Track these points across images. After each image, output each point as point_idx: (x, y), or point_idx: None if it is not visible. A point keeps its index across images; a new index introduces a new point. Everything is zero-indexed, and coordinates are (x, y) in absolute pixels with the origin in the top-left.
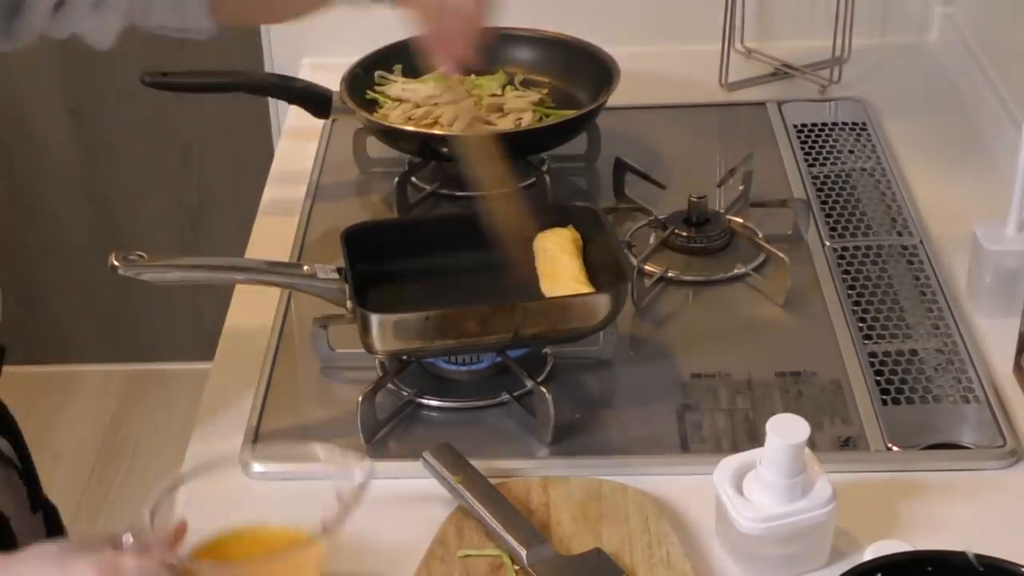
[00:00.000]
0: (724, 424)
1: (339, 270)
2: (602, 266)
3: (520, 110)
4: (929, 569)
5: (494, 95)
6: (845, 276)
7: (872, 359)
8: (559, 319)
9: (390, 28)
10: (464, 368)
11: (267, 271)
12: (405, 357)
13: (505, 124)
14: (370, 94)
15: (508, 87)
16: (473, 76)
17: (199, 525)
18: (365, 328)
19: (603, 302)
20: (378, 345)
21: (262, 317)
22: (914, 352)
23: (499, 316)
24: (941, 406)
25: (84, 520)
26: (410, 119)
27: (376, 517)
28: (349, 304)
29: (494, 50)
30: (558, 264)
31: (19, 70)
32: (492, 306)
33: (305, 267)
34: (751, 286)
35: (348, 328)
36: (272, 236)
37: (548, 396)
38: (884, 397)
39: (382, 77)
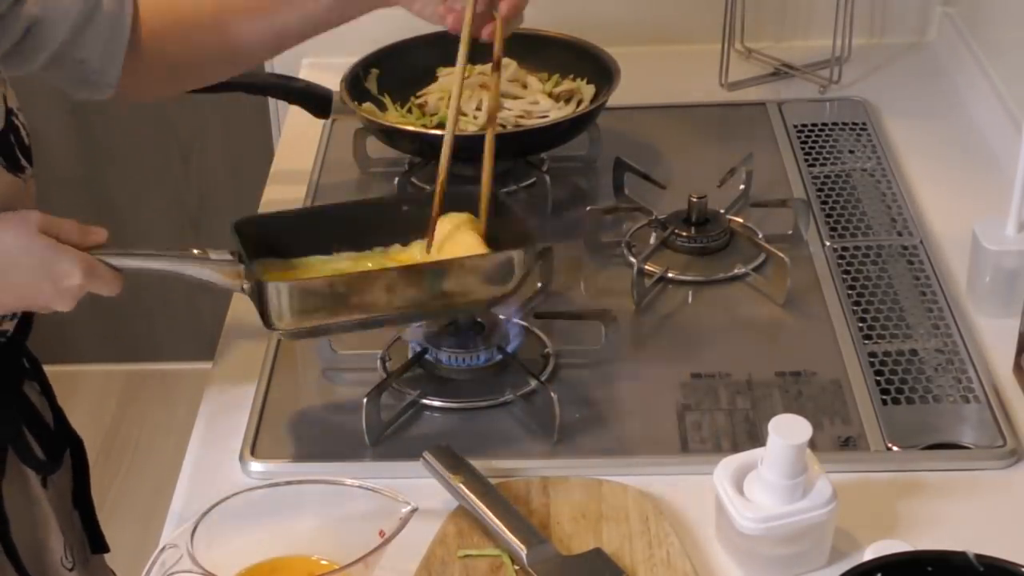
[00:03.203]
0: (724, 424)
1: (232, 253)
2: (509, 241)
3: (532, 95)
4: (929, 569)
5: (512, 80)
6: (845, 276)
7: (872, 359)
8: (469, 282)
9: (390, 28)
10: (465, 366)
11: (154, 256)
12: (304, 333)
13: (520, 107)
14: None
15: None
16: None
17: (203, 528)
18: (263, 301)
19: (515, 260)
20: (280, 320)
21: None
22: (914, 352)
23: (407, 280)
24: (941, 406)
25: None
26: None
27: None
28: (245, 284)
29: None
30: (456, 241)
31: None
32: (399, 270)
33: (195, 250)
34: (751, 286)
35: None
36: None
37: (554, 396)
38: (884, 397)
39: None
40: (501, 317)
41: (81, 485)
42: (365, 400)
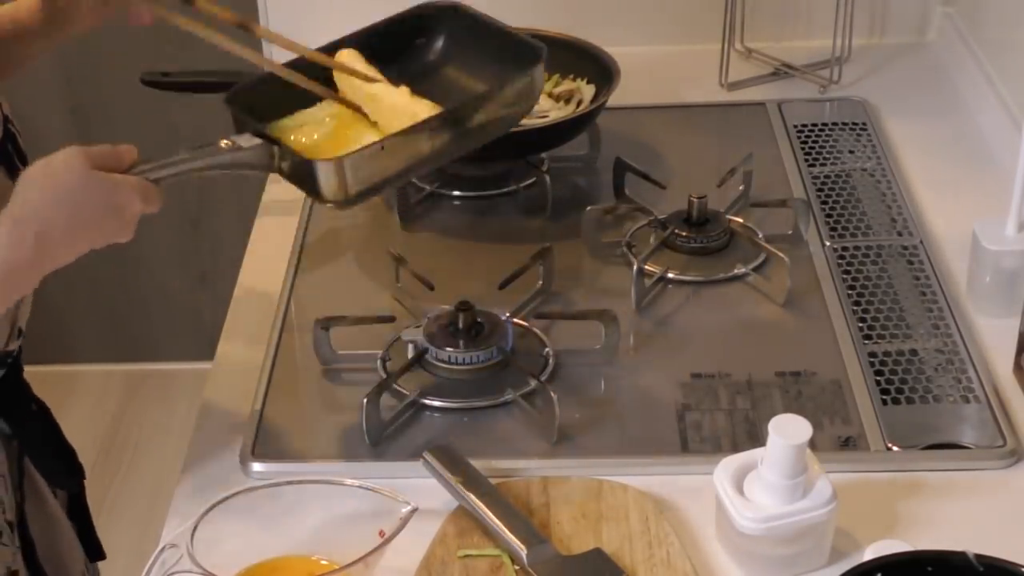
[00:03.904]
0: (724, 424)
1: (257, 135)
2: (499, 53)
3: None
4: (929, 569)
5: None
6: (845, 276)
7: (872, 359)
8: (500, 106)
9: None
10: (465, 366)
11: (187, 159)
12: (359, 195)
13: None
14: None
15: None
16: None
17: (202, 527)
18: (313, 177)
19: (538, 75)
20: (332, 192)
21: (262, 317)
22: (914, 352)
23: (447, 122)
24: (941, 406)
25: None
26: None
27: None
28: (283, 163)
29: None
30: (380, 100)
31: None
32: (438, 115)
33: (223, 142)
34: (751, 286)
35: (349, 330)
36: (272, 236)
37: (554, 396)
38: (884, 397)
39: None
40: (502, 318)
41: (76, 495)
42: (365, 400)
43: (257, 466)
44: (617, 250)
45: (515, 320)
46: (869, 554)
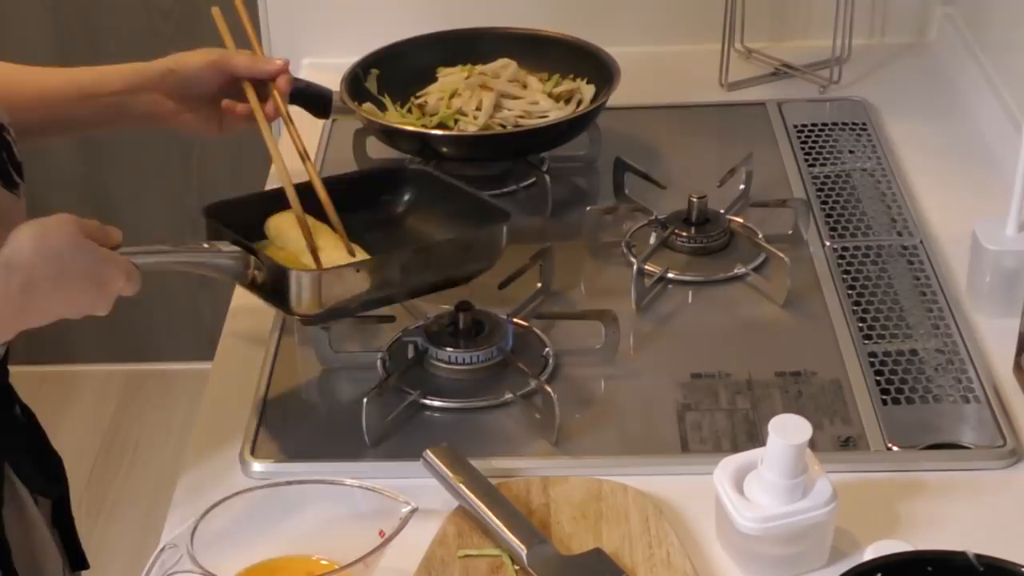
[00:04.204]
0: (724, 424)
1: (237, 244)
2: (463, 214)
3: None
4: (929, 569)
5: (512, 81)
6: (845, 276)
7: (872, 359)
8: (462, 258)
9: (390, 28)
10: (465, 366)
11: (169, 251)
12: (325, 316)
13: (520, 107)
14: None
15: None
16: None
17: (202, 527)
18: (285, 287)
19: (500, 233)
20: (304, 305)
21: (262, 317)
22: (914, 352)
23: (417, 260)
24: (941, 406)
25: (84, 520)
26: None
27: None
28: (257, 273)
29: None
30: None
31: None
32: (413, 250)
33: (205, 244)
34: (751, 286)
35: (349, 330)
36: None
37: (553, 396)
38: (884, 397)
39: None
40: (502, 317)
41: (60, 503)
42: (365, 400)
43: (257, 466)
44: (617, 250)
45: (515, 320)
46: (869, 554)
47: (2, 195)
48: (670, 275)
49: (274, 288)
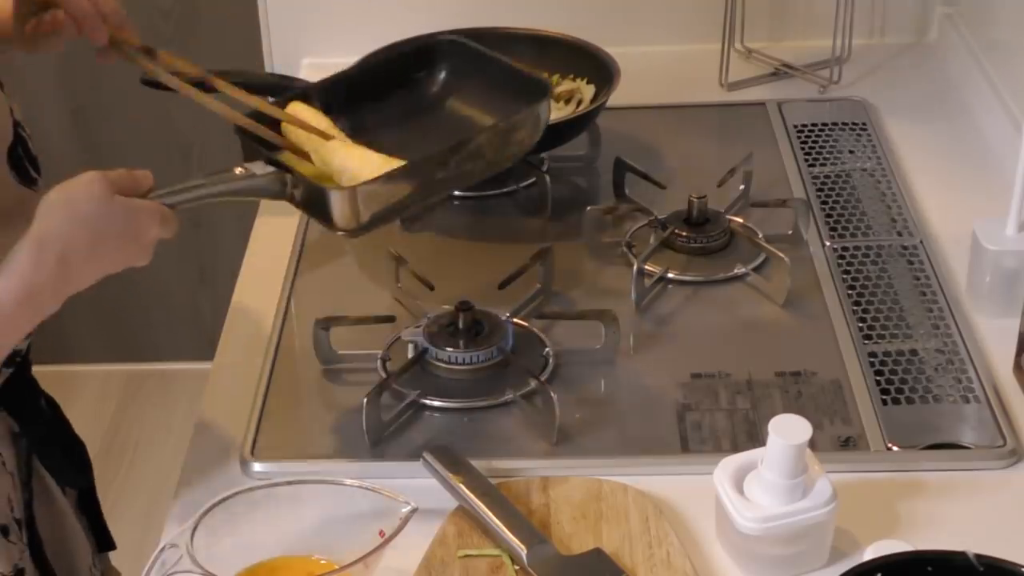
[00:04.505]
0: (724, 424)
1: (271, 163)
2: (501, 86)
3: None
4: (929, 569)
5: None
6: (845, 276)
7: (872, 359)
8: (503, 143)
9: (390, 28)
10: (465, 366)
11: (203, 185)
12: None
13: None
14: None
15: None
16: None
17: (202, 527)
18: (322, 208)
19: (544, 109)
20: (345, 221)
21: (262, 317)
22: (914, 352)
23: (454, 155)
24: (941, 406)
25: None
26: None
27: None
28: (296, 191)
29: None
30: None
31: (20, 70)
32: (448, 148)
33: (237, 169)
34: (751, 286)
35: (349, 330)
36: (272, 236)
37: (554, 396)
38: (884, 397)
39: None
40: (502, 318)
41: (85, 488)
42: (365, 400)
43: (257, 466)
44: (617, 250)
45: (515, 320)
46: (869, 554)
47: (21, 191)
48: (670, 275)
49: (314, 206)
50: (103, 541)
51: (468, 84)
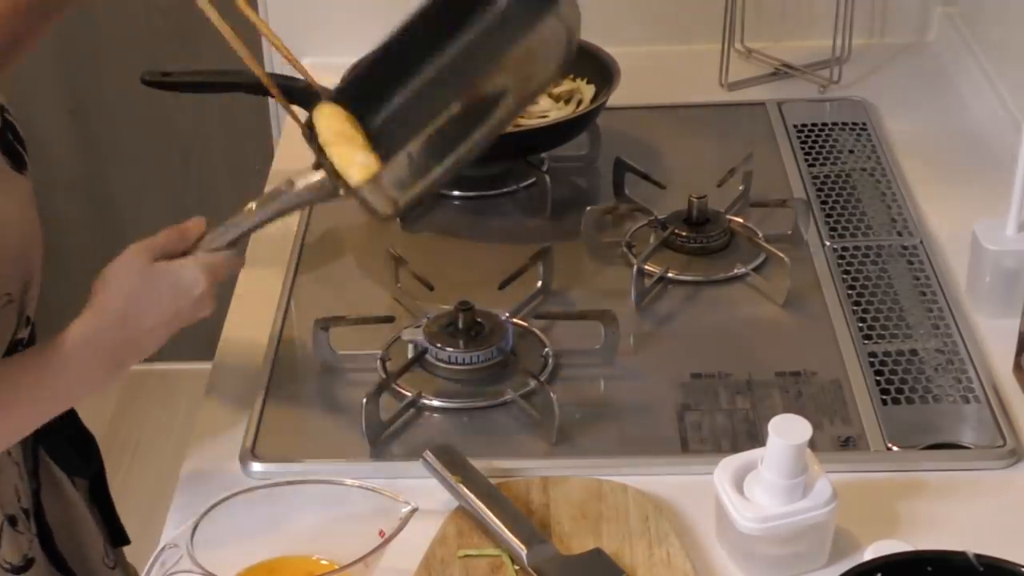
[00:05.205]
0: (724, 424)
1: (315, 166)
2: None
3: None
4: (929, 569)
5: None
6: (845, 276)
7: (872, 359)
8: (524, 69)
9: (390, 28)
10: (465, 366)
11: (253, 213)
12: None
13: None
14: None
15: None
16: None
17: (202, 527)
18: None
19: (547, 34)
20: (384, 208)
21: (262, 317)
22: (914, 352)
23: (470, 106)
24: (941, 406)
25: None
26: None
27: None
28: (341, 189)
29: None
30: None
31: (19, 70)
32: (456, 99)
33: (283, 186)
34: (751, 286)
35: (349, 330)
36: (272, 236)
37: (553, 396)
38: (884, 397)
39: None
40: (502, 318)
41: (97, 481)
42: (365, 400)
43: (257, 466)
44: (617, 250)
45: (515, 320)
46: (869, 554)
47: (15, 178)
48: (670, 275)
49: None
50: (116, 536)
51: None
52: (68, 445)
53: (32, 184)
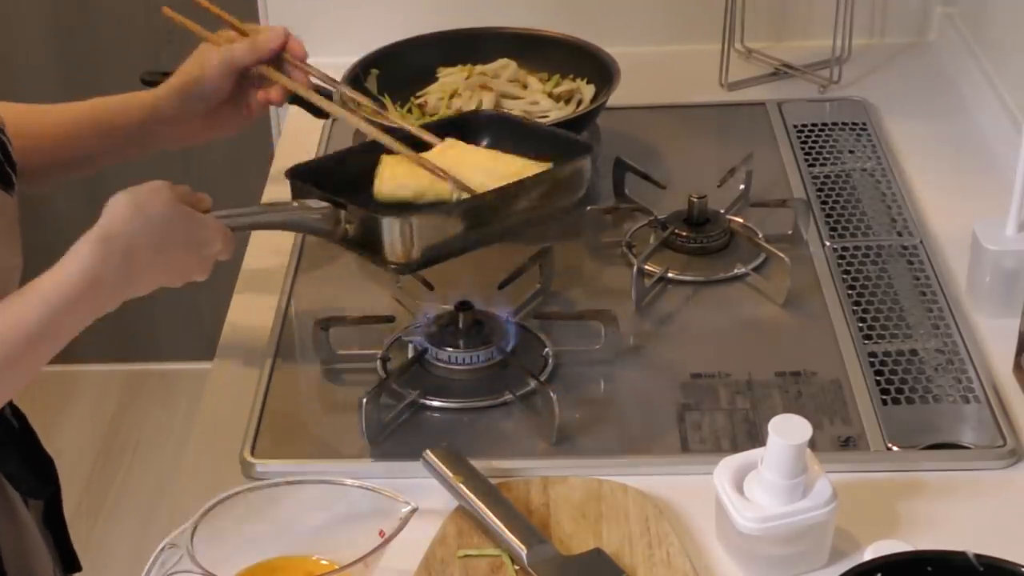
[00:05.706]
0: (724, 424)
1: (327, 200)
2: (545, 151)
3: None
4: (929, 569)
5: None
6: (845, 276)
7: (872, 359)
8: (552, 193)
9: (390, 28)
10: (465, 366)
11: (259, 213)
12: (419, 261)
13: (521, 107)
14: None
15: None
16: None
17: (202, 527)
18: (376, 240)
19: (582, 167)
20: (399, 253)
21: (262, 317)
22: (914, 352)
23: (507, 197)
24: (941, 406)
25: (84, 520)
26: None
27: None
28: (348, 227)
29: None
30: (498, 160)
31: (19, 70)
32: (501, 188)
33: (295, 202)
34: (751, 286)
35: (349, 329)
36: (272, 236)
37: (553, 396)
38: (884, 397)
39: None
40: (502, 317)
41: (52, 504)
42: (365, 400)
43: (257, 466)
44: (617, 250)
45: (515, 320)
46: (869, 554)
47: (3, 196)
48: (670, 275)
49: (366, 240)
50: (68, 562)
51: (514, 151)
52: (23, 465)
53: (16, 203)
